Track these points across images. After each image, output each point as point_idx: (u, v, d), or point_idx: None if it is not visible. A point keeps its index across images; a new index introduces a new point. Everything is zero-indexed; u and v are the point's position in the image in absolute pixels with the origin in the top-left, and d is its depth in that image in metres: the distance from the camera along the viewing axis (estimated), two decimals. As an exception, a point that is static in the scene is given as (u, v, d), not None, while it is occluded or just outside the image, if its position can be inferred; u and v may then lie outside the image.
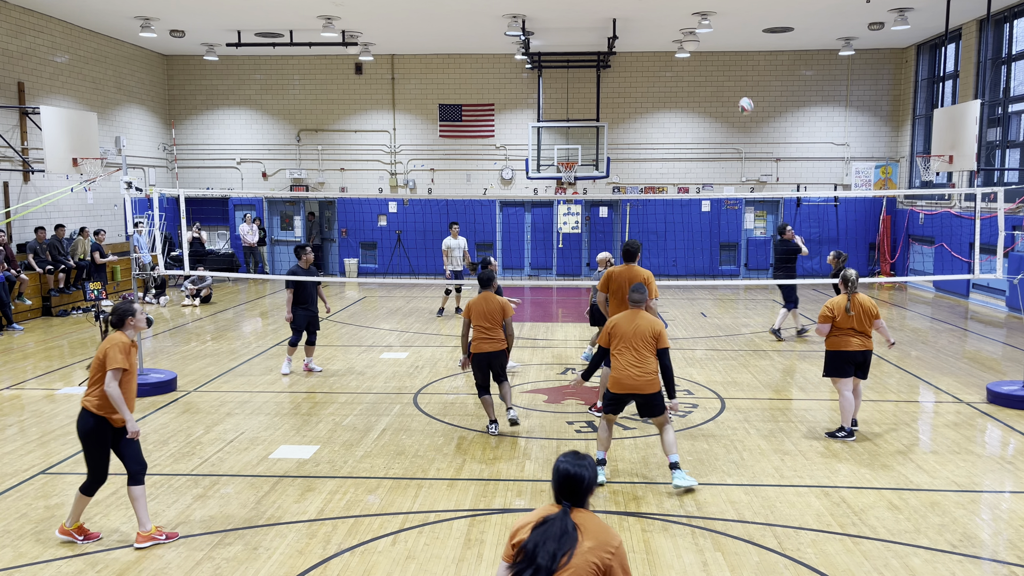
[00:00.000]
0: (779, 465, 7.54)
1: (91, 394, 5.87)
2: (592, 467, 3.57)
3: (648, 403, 6.91)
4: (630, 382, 6.82)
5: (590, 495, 3.53)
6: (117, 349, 5.80)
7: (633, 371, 6.81)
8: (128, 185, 10.38)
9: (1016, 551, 5.81)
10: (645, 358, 6.82)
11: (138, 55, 21.30)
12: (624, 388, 6.85)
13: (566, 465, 3.54)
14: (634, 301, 7.01)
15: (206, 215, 22.64)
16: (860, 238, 22.09)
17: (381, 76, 22.56)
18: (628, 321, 6.93)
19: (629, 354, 6.83)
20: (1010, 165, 17.33)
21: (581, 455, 3.58)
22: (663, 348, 6.87)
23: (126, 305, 6.07)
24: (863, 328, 8.16)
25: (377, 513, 6.47)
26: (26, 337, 13.95)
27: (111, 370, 5.73)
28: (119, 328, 6.01)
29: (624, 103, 22.29)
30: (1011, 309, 16.20)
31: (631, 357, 6.82)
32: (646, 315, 6.97)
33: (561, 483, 3.52)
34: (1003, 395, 9.51)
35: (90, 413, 5.84)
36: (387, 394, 10.06)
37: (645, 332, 6.85)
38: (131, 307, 6.05)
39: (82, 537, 5.92)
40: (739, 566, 5.57)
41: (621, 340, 6.89)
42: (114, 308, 6.09)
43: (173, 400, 9.80)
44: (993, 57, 17.53)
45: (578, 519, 3.43)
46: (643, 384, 6.82)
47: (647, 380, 6.81)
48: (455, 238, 15.68)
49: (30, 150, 16.67)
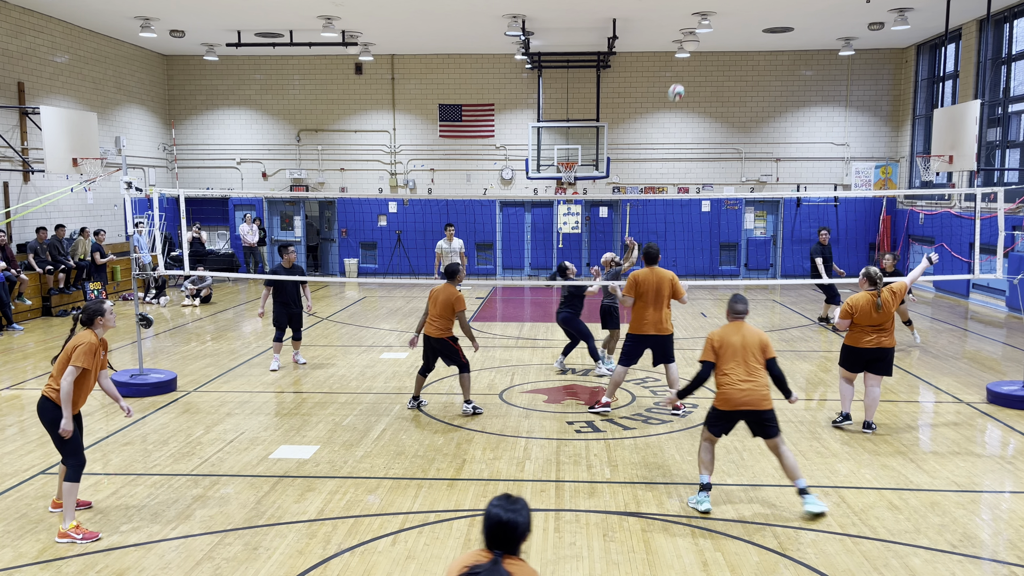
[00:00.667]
0: (779, 465, 7.53)
1: (53, 386, 6.05)
2: (526, 511, 3.26)
3: (761, 421, 6.42)
4: (743, 398, 6.34)
5: (523, 542, 3.25)
6: (84, 349, 5.97)
7: (746, 386, 6.34)
8: (128, 185, 10.38)
9: (1016, 551, 5.81)
10: (757, 371, 6.39)
11: (138, 55, 21.31)
12: (736, 405, 6.38)
13: (498, 510, 3.23)
14: (737, 312, 6.57)
15: (206, 215, 22.64)
16: (860, 238, 22.09)
17: (381, 76, 22.56)
18: (734, 333, 6.48)
19: (740, 369, 6.37)
20: (1010, 165, 17.33)
21: (514, 499, 3.29)
22: (772, 358, 6.46)
23: (96, 305, 6.23)
24: (884, 323, 8.27)
25: (377, 513, 6.47)
26: (26, 337, 13.95)
27: (73, 366, 5.93)
28: (88, 327, 6.17)
29: (624, 103, 22.29)
30: (1011, 309, 16.20)
31: (742, 372, 6.37)
32: (750, 326, 6.57)
33: (493, 529, 3.22)
34: (1003, 395, 9.51)
35: (51, 401, 6.01)
36: (387, 394, 10.06)
37: (754, 344, 6.44)
38: (101, 307, 6.22)
39: (80, 536, 5.91)
40: (739, 566, 5.57)
41: (730, 354, 6.41)
42: (85, 307, 6.25)
43: (173, 400, 9.80)
44: (993, 57, 17.52)
45: (512, 569, 3.15)
46: (758, 399, 6.35)
47: (761, 395, 6.36)
48: (450, 241, 15.08)
49: (30, 150, 16.67)
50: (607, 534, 6.07)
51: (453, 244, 15.17)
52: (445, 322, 9.03)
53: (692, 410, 9.38)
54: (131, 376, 10.18)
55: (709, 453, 6.57)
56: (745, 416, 6.42)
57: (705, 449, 6.59)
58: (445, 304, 9.00)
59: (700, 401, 9.77)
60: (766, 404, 6.37)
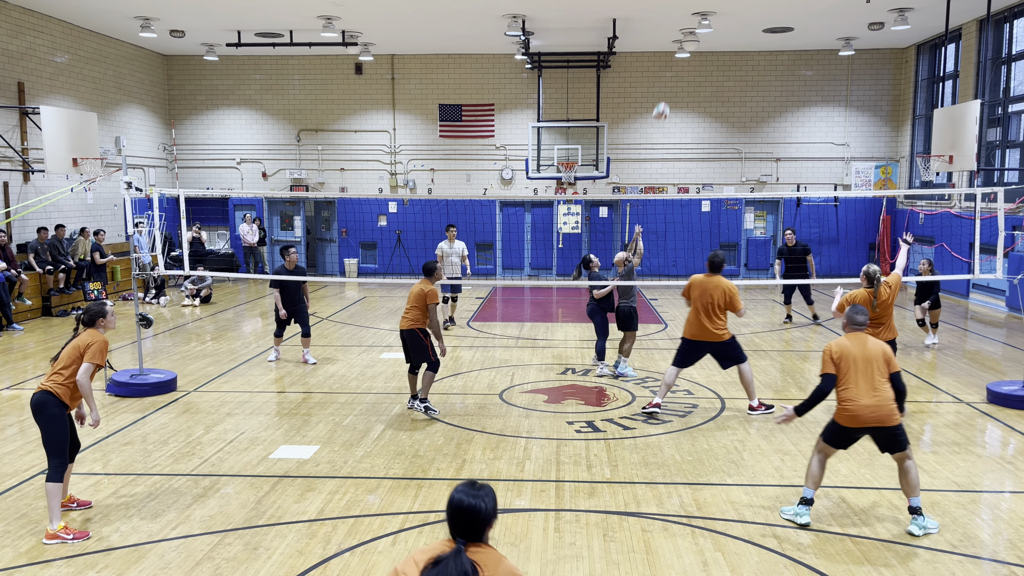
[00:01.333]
0: (779, 465, 7.55)
1: (59, 381, 6.00)
2: (491, 497, 3.23)
3: (890, 436, 6.09)
4: (870, 415, 6.00)
5: (488, 528, 3.21)
6: (99, 346, 6.05)
7: (872, 402, 6.00)
8: (128, 185, 10.38)
9: (1016, 551, 5.81)
10: (882, 386, 6.07)
11: (138, 55, 21.31)
12: (863, 422, 6.03)
13: (460, 496, 3.18)
14: (858, 324, 6.28)
15: (206, 215, 22.64)
16: (860, 238, 22.09)
17: (381, 76, 22.57)
18: (856, 346, 6.16)
19: (865, 383, 6.05)
20: (1010, 165, 17.33)
21: (479, 485, 3.25)
22: (896, 372, 6.15)
23: (98, 306, 6.28)
24: (882, 318, 8.41)
25: (377, 513, 6.47)
26: (26, 337, 13.95)
27: (89, 363, 5.97)
28: (90, 327, 6.24)
29: (624, 103, 22.29)
30: (1011, 309, 16.20)
31: (867, 387, 6.04)
32: (872, 338, 6.27)
33: (455, 516, 3.17)
34: (1003, 395, 9.51)
35: (52, 395, 5.97)
36: (387, 394, 10.06)
37: (878, 357, 6.13)
38: (103, 308, 6.29)
39: (71, 536, 5.90)
40: (739, 566, 5.57)
41: (853, 368, 6.08)
42: (87, 308, 6.30)
43: (173, 400, 9.80)
44: (993, 57, 17.52)
45: (477, 557, 3.11)
46: (885, 416, 6.02)
47: (889, 411, 6.03)
48: (451, 243, 14.19)
49: (30, 150, 16.67)
50: (607, 534, 6.07)
51: (455, 246, 14.24)
52: (416, 313, 9.02)
53: (692, 410, 9.38)
54: (131, 376, 10.18)
55: (821, 467, 6.27)
56: (871, 432, 6.12)
57: (818, 463, 6.27)
58: (417, 296, 9.03)
59: (700, 401, 9.78)
60: (895, 419, 6.05)
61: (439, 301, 9.01)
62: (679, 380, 10.82)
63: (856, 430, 6.11)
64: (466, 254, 14.43)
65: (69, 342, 6.16)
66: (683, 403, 9.69)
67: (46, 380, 6.06)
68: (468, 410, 9.41)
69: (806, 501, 6.26)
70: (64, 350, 6.12)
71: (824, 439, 6.29)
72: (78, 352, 6.03)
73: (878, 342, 6.25)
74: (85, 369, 5.96)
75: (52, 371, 6.08)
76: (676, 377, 9.25)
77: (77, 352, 6.03)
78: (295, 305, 11.58)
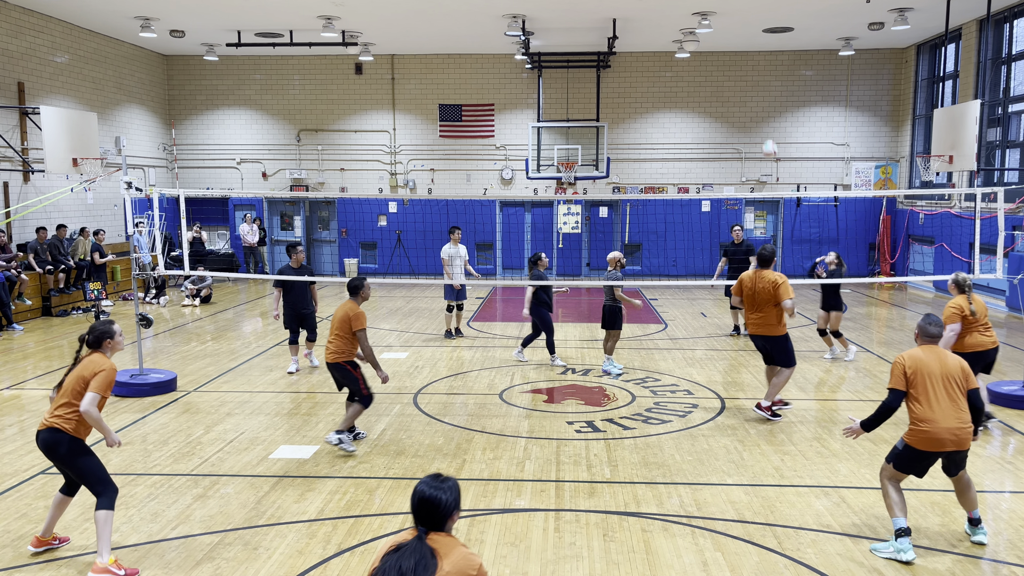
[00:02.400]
0: (779, 465, 7.54)
1: (65, 415, 5.47)
2: (454, 490, 3.39)
3: (963, 458, 5.69)
4: (951, 438, 5.53)
5: (450, 520, 3.38)
6: (107, 377, 5.48)
7: (953, 424, 5.53)
8: (128, 185, 10.38)
9: (1016, 551, 5.81)
10: (961, 404, 5.59)
11: (138, 55, 21.31)
12: (944, 446, 5.55)
13: (423, 487, 3.37)
14: (931, 335, 5.82)
15: (206, 215, 22.64)
16: (860, 238, 22.09)
17: (381, 76, 22.57)
18: (932, 359, 5.67)
19: (946, 403, 5.56)
20: (1010, 165, 17.33)
21: (443, 478, 3.43)
22: (975, 388, 5.68)
23: (105, 326, 5.69)
24: (978, 327, 8.16)
25: (377, 513, 6.47)
26: (26, 337, 13.95)
27: (93, 393, 5.39)
28: (95, 349, 5.66)
29: (624, 103, 22.29)
30: (1011, 309, 16.20)
31: (949, 407, 5.56)
32: (946, 351, 5.82)
33: (418, 506, 3.35)
34: (1003, 395, 9.52)
35: (63, 433, 5.46)
36: (387, 394, 10.06)
37: (956, 372, 5.64)
38: (110, 328, 5.70)
39: (123, 572, 5.39)
40: (739, 566, 5.57)
41: (931, 385, 5.60)
42: (92, 327, 5.72)
43: (173, 400, 9.80)
44: (993, 57, 17.52)
45: (436, 544, 3.28)
46: (965, 438, 5.56)
47: (969, 432, 5.59)
48: (455, 245, 13.64)
49: (30, 150, 16.67)
50: (607, 534, 6.07)
51: (459, 248, 13.70)
52: (342, 343, 7.82)
53: (692, 410, 9.38)
54: (131, 376, 10.18)
55: (899, 492, 5.75)
56: (947, 456, 5.65)
57: (894, 488, 5.75)
58: (341, 322, 7.84)
59: (700, 401, 9.77)
60: (970, 441, 5.62)
61: (365, 327, 7.89)
62: (679, 380, 10.83)
63: (935, 454, 5.62)
64: (467, 258, 13.87)
65: (72, 368, 5.61)
66: (683, 403, 9.69)
67: (50, 415, 5.51)
68: (468, 410, 9.40)
69: (903, 532, 5.60)
70: (67, 378, 5.57)
71: (895, 466, 5.75)
72: (83, 382, 5.45)
73: (954, 356, 5.79)
74: (91, 399, 5.37)
75: (57, 404, 5.53)
76: (790, 375, 8.99)
77: (83, 382, 5.46)
78: (303, 309, 11.10)
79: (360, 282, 8.19)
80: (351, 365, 7.88)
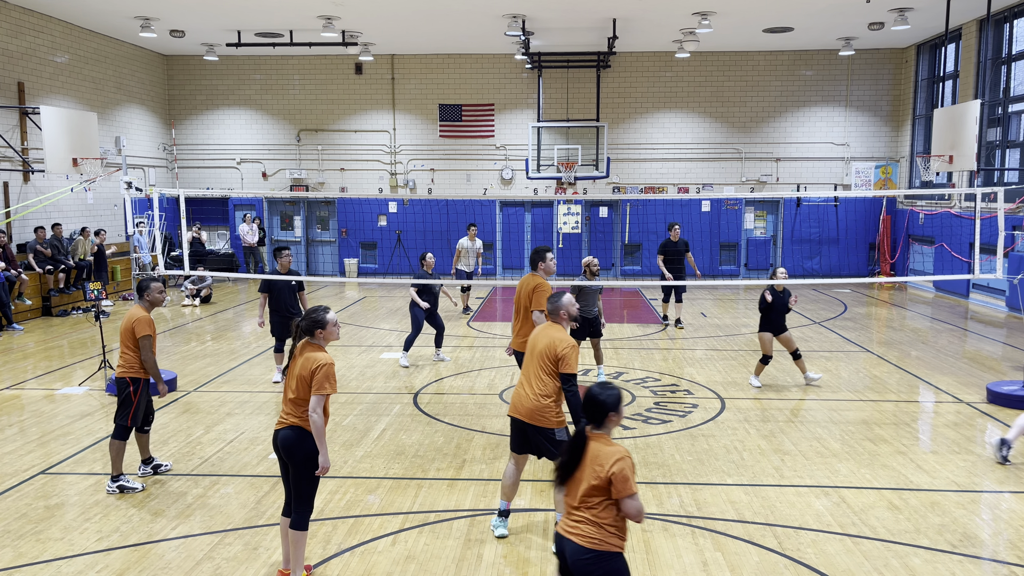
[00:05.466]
0: (779, 465, 7.54)
1: (299, 414, 5.18)
2: (613, 395, 4.09)
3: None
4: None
5: (607, 420, 4.07)
6: (325, 372, 5.15)
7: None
8: (128, 185, 10.39)
9: (1016, 551, 5.81)
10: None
11: (138, 55, 21.31)
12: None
13: (591, 388, 4.14)
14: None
15: (206, 215, 22.64)
16: (860, 238, 22.08)
17: (381, 76, 22.56)
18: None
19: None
20: (1010, 165, 17.33)
21: (609, 385, 4.15)
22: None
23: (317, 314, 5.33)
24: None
25: (377, 513, 6.47)
26: (26, 337, 13.95)
27: (318, 396, 5.11)
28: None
29: (624, 103, 22.29)
30: (1011, 309, 16.20)
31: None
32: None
33: (586, 404, 4.10)
34: (1003, 395, 9.51)
35: (306, 432, 5.18)
36: (387, 394, 10.06)
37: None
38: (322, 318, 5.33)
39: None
40: (739, 566, 5.57)
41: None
42: (307, 314, 5.37)
43: (173, 400, 9.80)
44: (993, 57, 17.52)
45: (592, 436, 4.06)
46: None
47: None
48: (472, 240, 15.84)
49: (30, 150, 16.67)
50: (607, 534, 6.06)
51: (475, 244, 15.87)
52: (129, 356, 6.84)
53: (692, 410, 9.38)
54: (131, 376, 10.16)
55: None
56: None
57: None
58: (124, 332, 6.83)
59: (700, 401, 9.77)
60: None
61: (153, 332, 6.85)
62: (679, 380, 10.83)
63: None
64: (481, 251, 16.08)
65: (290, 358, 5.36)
66: (683, 403, 9.69)
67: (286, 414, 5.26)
68: (468, 410, 9.40)
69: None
70: (290, 374, 5.31)
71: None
72: (304, 382, 5.18)
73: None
74: (315, 403, 5.13)
75: (288, 400, 5.26)
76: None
77: (304, 382, 5.18)
78: (287, 314, 10.32)
79: (147, 283, 7.06)
80: (132, 382, 6.89)
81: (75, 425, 8.74)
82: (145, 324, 6.80)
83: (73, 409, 9.34)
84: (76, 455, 7.77)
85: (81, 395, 9.96)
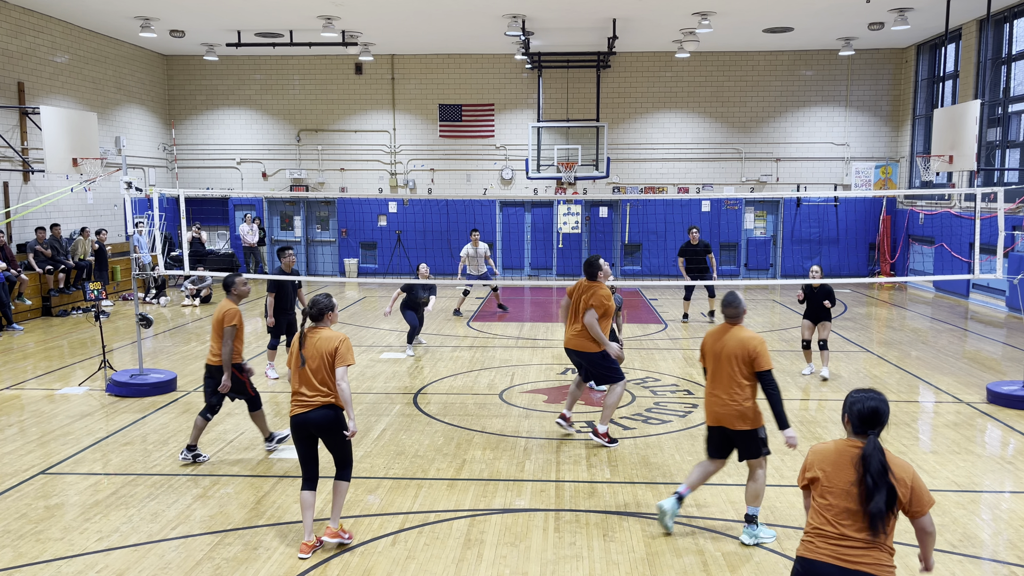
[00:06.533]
0: (779, 465, 7.54)
1: (327, 392, 5.71)
2: (885, 402, 3.87)
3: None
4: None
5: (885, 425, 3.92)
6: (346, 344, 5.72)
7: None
8: (128, 185, 10.38)
9: (1016, 551, 5.81)
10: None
11: (138, 55, 21.31)
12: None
13: (870, 401, 3.88)
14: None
15: (206, 215, 22.64)
16: (860, 238, 22.09)
17: (381, 76, 22.57)
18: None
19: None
20: (1010, 165, 17.33)
21: (875, 391, 3.95)
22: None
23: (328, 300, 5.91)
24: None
25: (377, 513, 6.47)
26: (26, 337, 13.95)
27: (345, 366, 5.68)
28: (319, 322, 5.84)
29: (624, 103, 22.29)
30: (1011, 309, 16.20)
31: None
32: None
33: (867, 414, 3.86)
34: (1003, 395, 9.51)
35: (339, 408, 5.75)
36: (387, 394, 10.06)
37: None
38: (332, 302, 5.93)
39: (347, 535, 5.90)
40: (739, 566, 5.57)
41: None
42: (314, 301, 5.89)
43: (173, 400, 9.80)
44: (993, 57, 17.52)
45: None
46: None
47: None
48: (475, 246, 15.58)
49: (30, 150, 16.67)
50: (607, 534, 6.06)
51: (479, 249, 15.68)
52: (218, 346, 7.48)
53: (692, 410, 9.38)
54: (131, 376, 10.18)
55: None
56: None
57: None
58: (216, 323, 7.45)
59: (700, 401, 9.77)
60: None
61: (240, 324, 7.45)
62: (679, 380, 10.83)
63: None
64: (489, 254, 15.90)
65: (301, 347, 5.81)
66: (683, 403, 9.69)
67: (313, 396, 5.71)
68: (468, 410, 9.40)
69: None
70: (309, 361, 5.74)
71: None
72: (328, 358, 5.71)
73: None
74: (342, 373, 5.66)
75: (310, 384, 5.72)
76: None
77: (328, 358, 5.71)
78: (288, 312, 10.78)
79: (232, 279, 7.70)
80: (236, 368, 7.54)
81: (75, 425, 8.74)
82: (233, 315, 7.43)
83: (73, 409, 9.34)
84: (76, 455, 7.78)
85: (81, 395, 9.96)
